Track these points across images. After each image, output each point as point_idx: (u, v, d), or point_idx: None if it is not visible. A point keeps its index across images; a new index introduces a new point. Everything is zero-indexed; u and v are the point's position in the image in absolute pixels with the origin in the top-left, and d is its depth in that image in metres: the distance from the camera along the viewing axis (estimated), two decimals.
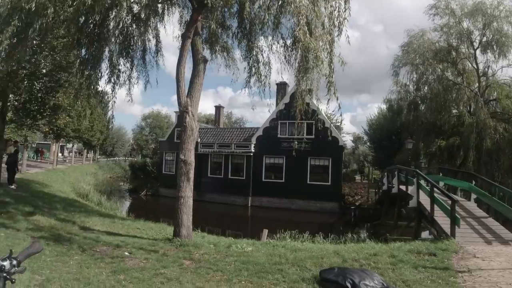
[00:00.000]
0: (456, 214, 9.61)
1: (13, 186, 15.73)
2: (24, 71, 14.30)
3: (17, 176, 17.91)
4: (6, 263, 1.95)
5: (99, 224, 11.58)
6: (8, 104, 15.34)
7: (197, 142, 10.56)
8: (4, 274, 1.93)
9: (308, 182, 28.69)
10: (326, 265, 6.48)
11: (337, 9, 8.02)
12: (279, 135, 29.83)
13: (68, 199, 17.40)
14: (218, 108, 42.17)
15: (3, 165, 16.10)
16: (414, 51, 26.63)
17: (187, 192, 8.86)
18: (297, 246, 8.54)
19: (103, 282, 5.40)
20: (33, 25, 7.04)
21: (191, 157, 8.94)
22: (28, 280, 5.09)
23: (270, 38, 9.46)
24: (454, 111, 27.32)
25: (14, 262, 1.99)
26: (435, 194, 11.48)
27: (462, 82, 26.12)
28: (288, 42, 9.03)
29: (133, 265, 6.45)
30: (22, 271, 2.05)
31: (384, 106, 40.84)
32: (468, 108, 26.56)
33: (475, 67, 26.24)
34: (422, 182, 13.76)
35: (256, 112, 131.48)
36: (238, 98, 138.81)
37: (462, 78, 26.47)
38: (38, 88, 14.97)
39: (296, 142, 24.54)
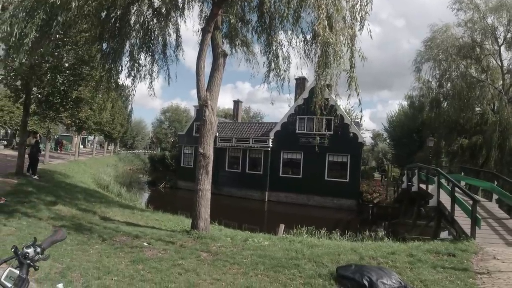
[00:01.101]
0: (477, 215, 9.39)
1: (35, 176, 16.15)
2: (47, 65, 14.64)
3: (40, 166, 18.37)
4: (30, 250, 1.99)
5: (119, 214, 11.83)
6: (32, 96, 15.75)
7: (215, 136, 10.63)
8: (28, 261, 1.96)
9: (325, 178, 28.49)
10: (343, 262, 6.45)
11: (359, 3, 7.88)
12: (297, 131, 29.66)
13: (89, 190, 17.78)
14: (237, 103, 42.23)
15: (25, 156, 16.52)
16: (437, 47, 25.95)
17: (206, 185, 8.94)
18: (313, 242, 8.50)
19: (122, 271, 5.51)
20: (57, 18, 7.15)
21: (210, 151, 9.00)
22: (49, 267, 5.23)
23: (289, 32, 9.43)
24: (477, 109, 26.64)
25: (38, 249, 2.02)
26: (456, 194, 11.24)
27: (486, 79, 25.39)
28: (308, 36, 8.97)
29: (151, 255, 6.56)
30: (46, 258, 2.08)
31: (405, 103, 40.29)
32: (492, 106, 25.88)
33: (500, 64, 25.43)
34: (443, 181, 13.49)
35: (275, 107, 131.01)
36: (257, 93, 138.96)
37: (486, 75, 25.69)
38: (60, 81, 15.30)
39: (318, 138, 24.41)
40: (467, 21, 24.93)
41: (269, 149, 30.20)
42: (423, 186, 16.42)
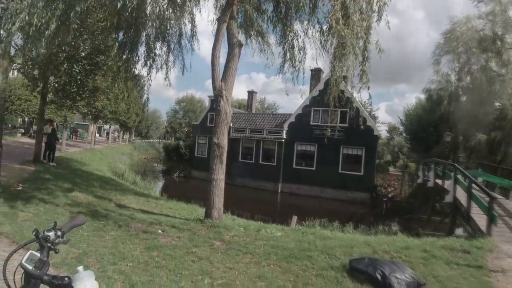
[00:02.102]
0: (494, 212, 9.22)
1: (53, 163, 16.47)
2: (64, 54, 14.82)
3: (57, 154, 18.71)
4: (51, 234, 2.02)
5: (134, 202, 12.00)
6: (49, 85, 16.01)
7: (229, 127, 10.63)
8: (49, 244, 1.99)
9: (339, 171, 28.34)
10: (356, 255, 6.42)
11: None
12: (311, 122, 29.50)
13: (105, 178, 18.06)
14: (251, 93, 42.11)
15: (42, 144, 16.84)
16: (457, 39, 25.29)
17: (220, 175, 8.97)
18: (326, 234, 8.47)
19: (137, 258, 5.60)
20: (75, 8, 7.19)
21: (224, 141, 9.02)
22: (66, 253, 5.34)
23: (305, 23, 9.33)
24: (497, 104, 25.99)
25: (59, 233, 2.05)
26: (473, 190, 11.05)
27: (506, 74, 24.67)
28: (325, 27, 8.86)
29: (165, 242, 6.64)
30: (66, 242, 2.11)
31: (422, 96, 39.44)
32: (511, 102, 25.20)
33: None
34: (460, 177, 13.28)
35: (289, 98, 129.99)
36: (271, 84, 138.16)
37: (507, 70, 24.91)
38: (77, 70, 15.48)
39: (329, 130, 24.17)
40: (488, 13, 24.18)
41: (283, 140, 30.16)
42: (439, 181, 16.21)
